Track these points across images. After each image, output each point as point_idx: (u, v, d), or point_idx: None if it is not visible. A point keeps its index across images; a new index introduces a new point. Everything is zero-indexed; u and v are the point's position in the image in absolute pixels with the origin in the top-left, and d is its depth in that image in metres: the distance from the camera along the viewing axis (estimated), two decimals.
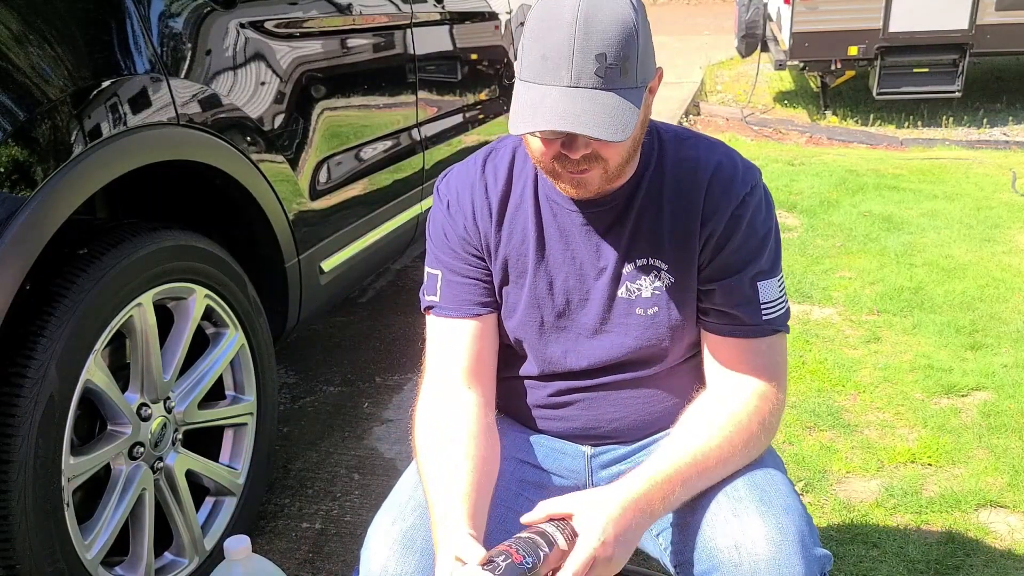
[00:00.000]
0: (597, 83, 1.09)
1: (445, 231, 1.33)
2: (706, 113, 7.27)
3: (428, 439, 1.25)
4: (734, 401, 1.24)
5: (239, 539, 1.50)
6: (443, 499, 1.15)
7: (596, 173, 1.17)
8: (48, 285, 1.48)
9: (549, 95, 1.09)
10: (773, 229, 1.28)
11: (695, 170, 1.26)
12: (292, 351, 3.02)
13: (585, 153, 1.14)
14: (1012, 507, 2.13)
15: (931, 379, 2.72)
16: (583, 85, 1.09)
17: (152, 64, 1.67)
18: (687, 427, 1.23)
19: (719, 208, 1.24)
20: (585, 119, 1.08)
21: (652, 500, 1.14)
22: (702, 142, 1.30)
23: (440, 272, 1.34)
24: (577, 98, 1.08)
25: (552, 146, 1.15)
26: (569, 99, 1.08)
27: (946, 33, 6.11)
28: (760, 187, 1.28)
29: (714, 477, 1.21)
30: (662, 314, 1.29)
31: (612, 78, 1.09)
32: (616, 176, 1.21)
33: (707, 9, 13.52)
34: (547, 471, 1.38)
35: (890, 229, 4.10)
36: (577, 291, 1.30)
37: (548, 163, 1.18)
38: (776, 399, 1.26)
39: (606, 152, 1.15)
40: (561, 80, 1.09)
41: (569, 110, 1.08)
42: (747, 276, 1.25)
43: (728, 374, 1.27)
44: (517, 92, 1.14)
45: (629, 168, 1.25)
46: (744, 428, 1.22)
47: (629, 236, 1.27)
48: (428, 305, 1.35)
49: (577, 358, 1.32)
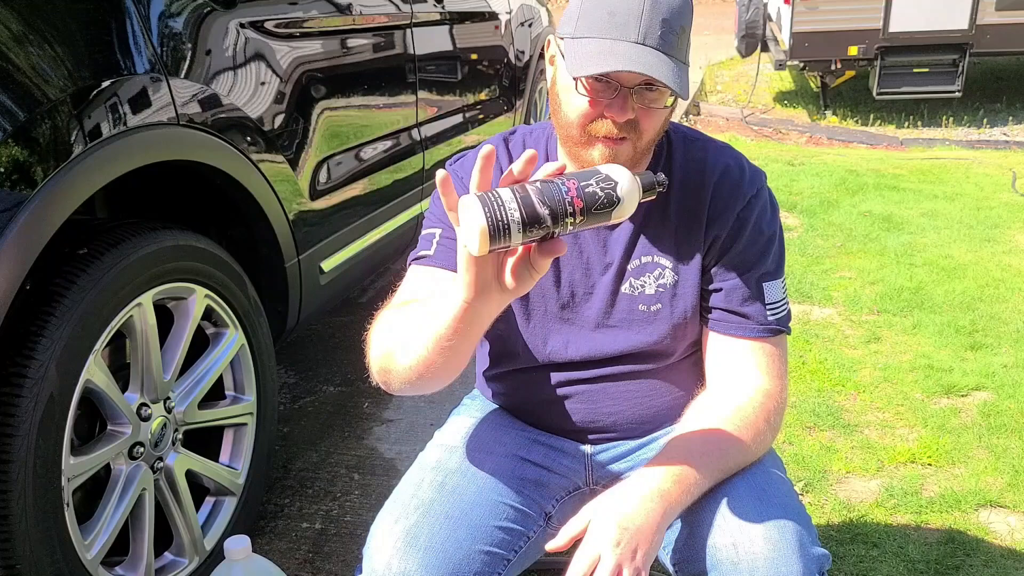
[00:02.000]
0: (661, 45, 1.12)
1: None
2: (706, 113, 7.26)
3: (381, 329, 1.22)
4: (740, 396, 1.25)
5: (239, 539, 1.50)
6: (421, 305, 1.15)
7: (628, 146, 1.18)
8: (48, 285, 1.48)
9: (618, 45, 1.11)
10: (778, 232, 1.30)
11: (702, 171, 1.29)
12: (292, 351, 3.02)
13: (630, 118, 1.15)
14: (1012, 507, 2.13)
15: (931, 379, 2.72)
16: (649, 44, 1.12)
17: (152, 64, 1.67)
18: (694, 418, 1.24)
19: (725, 210, 1.27)
20: (659, 69, 1.10)
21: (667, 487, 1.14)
22: (711, 144, 1.33)
23: (440, 229, 1.29)
24: (646, 53, 1.11)
25: (598, 107, 1.16)
26: (640, 51, 1.11)
27: (946, 33, 6.11)
28: (765, 190, 1.30)
29: (726, 468, 1.21)
30: (665, 311, 1.30)
31: (672, 44, 1.13)
32: (640, 159, 1.22)
33: (707, 9, 13.52)
34: (547, 469, 1.39)
35: (890, 229, 4.10)
36: (582, 285, 1.32)
37: (584, 127, 1.17)
38: (780, 398, 1.28)
39: (645, 123, 1.16)
40: (628, 36, 1.12)
41: (643, 59, 1.11)
42: (753, 277, 1.27)
43: (732, 373, 1.28)
44: (574, 44, 1.15)
45: (644, 161, 1.26)
46: (751, 423, 1.23)
47: (635, 233, 1.29)
48: (416, 258, 1.30)
49: (578, 349, 1.33)
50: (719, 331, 1.30)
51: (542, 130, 1.36)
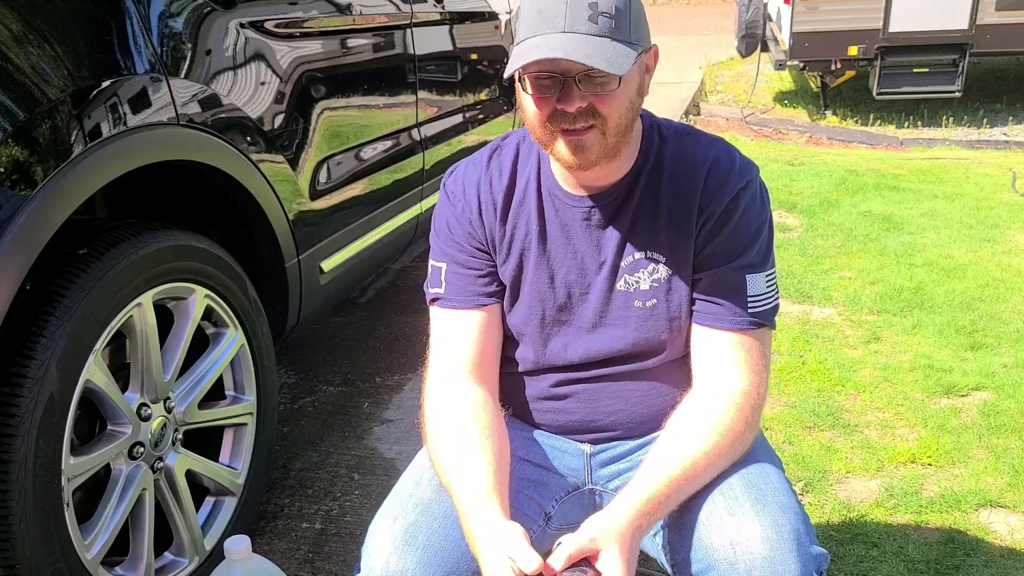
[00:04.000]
0: (591, 29, 1.12)
1: (450, 225, 1.35)
2: (706, 113, 7.27)
3: (442, 432, 1.27)
4: (719, 404, 1.25)
5: (239, 539, 1.50)
6: (470, 490, 1.17)
7: (594, 136, 1.18)
8: (48, 285, 1.48)
9: (546, 39, 1.13)
10: (766, 224, 1.29)
11: (693, 165, 1.28)
12: (292, 351, 3.02)
13: (581, 107, 1.15)
14: (1012, 507, 2.13)
15: (931, 379, 2.72)
16: (578, 31, 1.12)
17: (152, 64, 1.67)
18: (675, 436, 1.24)
19: (714, 199, 1.26)
20: (580, 51, 1.11)
21: (650, 512, 1.16)
22: (702, 138, 1.32)
23: (445, 264, 1.35)
24: (571, 39, 1.12)
25: (547, 103, 1.16)
26: (564, 39, 1.12)
27: (946, 33, 6.10)
28: (756, 182, 1.29)
29: (703, 480, 1.22)
30: (660, 306, 1.30)
31: (605, 26, 1.13)
32: (616, 147, 1.21)
33: (707, 9, 13.52)
34: (547, 469, 1.39)
35: (890, 229, 4.10)
36: (578, 285, 1.32)
37: (544, 126, 1.19)
38: (758, 395, 1.27)
39: (603, 107, 1.16)
40: (556, 27, 1.13)
41: (563, 44, 1.12)
42: (735, 267, 1.27)
43: (713, 368, 1.28)
44: (515, 47, 1.17)
45: (627, 156, 1.27)
46: (730, 431, 1.23)
47: (627, 229, 1.29)
48: (433, 297, 1.37)
49: (577, 351, 1.34)
50: (699, 322, 1.30)
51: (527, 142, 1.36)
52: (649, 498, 1.16)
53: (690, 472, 1.20)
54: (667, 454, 1.21)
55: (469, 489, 1.18)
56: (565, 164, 1.23)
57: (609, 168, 1.26)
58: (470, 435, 1.24)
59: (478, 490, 1.17)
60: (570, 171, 1.27)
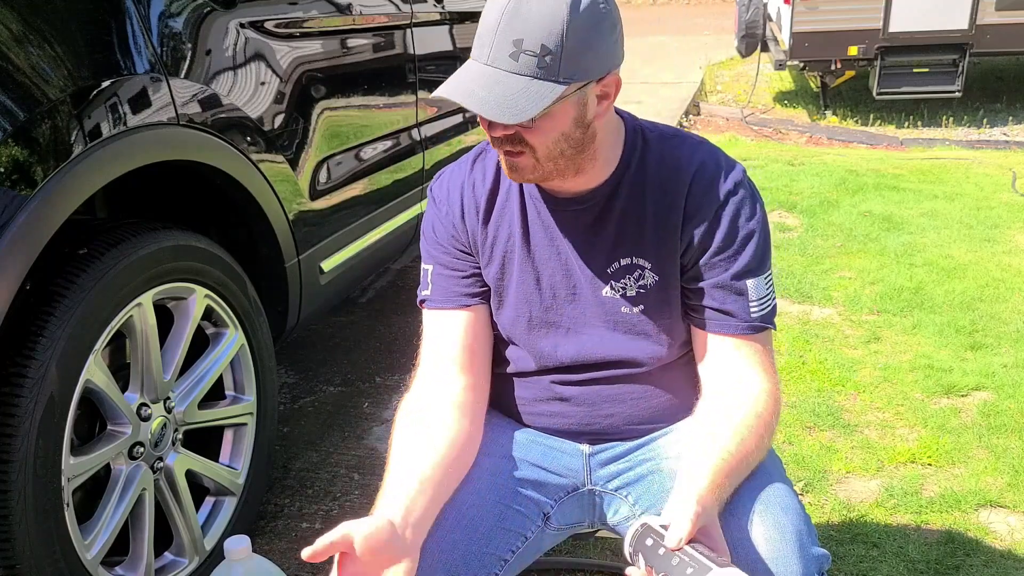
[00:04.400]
0: (511, 67, 1.12)
1: (435, 228, 1.37)
2: (706, 113, 7.26)
3: (404, 419, 1.30)
4: (748, 397, 1.24)
5: (239, 539, 1.49)
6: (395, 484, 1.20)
7: (527, 160, 1.19)
8: (48, 285, 1.48)
9: (468, 69, 1.14)
10: (760, 226, 1.28)
11: (678, 169, 1.28)
12: (292, 351, 3.02)
13: (506, 134, 1.16)
14: (1012, 507, 2.13)
15: (931, 379, 2.72)
16: (496, 66, 1.13)
17: (152, 64, 1.67)
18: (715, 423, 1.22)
19: (701, 208, 1.26)
20: (482, 95, 1.12)
21: (717, 488, 1.13)
22: (686, 141, 1.31)
23: (431, 266, 1.38)
24: (485, 76, 1.13)
25: (484, 123, 1.18)
26: (478, 75, 1.13)
27: (946, 33, 6.10)
28: (744, 185, 1.28)
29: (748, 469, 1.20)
30: (648, 312, 1.30)
31: (527, 65, 1.11)
32: (559, 170, 1.22)
33: (707, 9, 13.52)
34: (546, 469, 1.38)
35: (890, 229, 4.10)
36: (564, 286, 1.32)
37: (491, 140, 1.21)
38: (777, 395, 1.28)
39: (530, 138, 1.17)
40: (481, 57, 1.14)
41: (472, 86, 1.13)
42: (736, 274, 1.27)
43: (727, 372, 1.28)
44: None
45: (602, 165, 1.26)
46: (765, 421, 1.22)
47: (613, 235, 1.29)
48: (421, 299, 1.39)
49: (567, 351, 1.34)
50: (705, 329, 1.30)
51: None
52: (715, 474, 1.14)
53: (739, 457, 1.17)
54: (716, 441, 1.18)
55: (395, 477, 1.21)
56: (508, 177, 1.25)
57: (577, 179, 1.26)
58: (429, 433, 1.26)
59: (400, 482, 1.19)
60: None
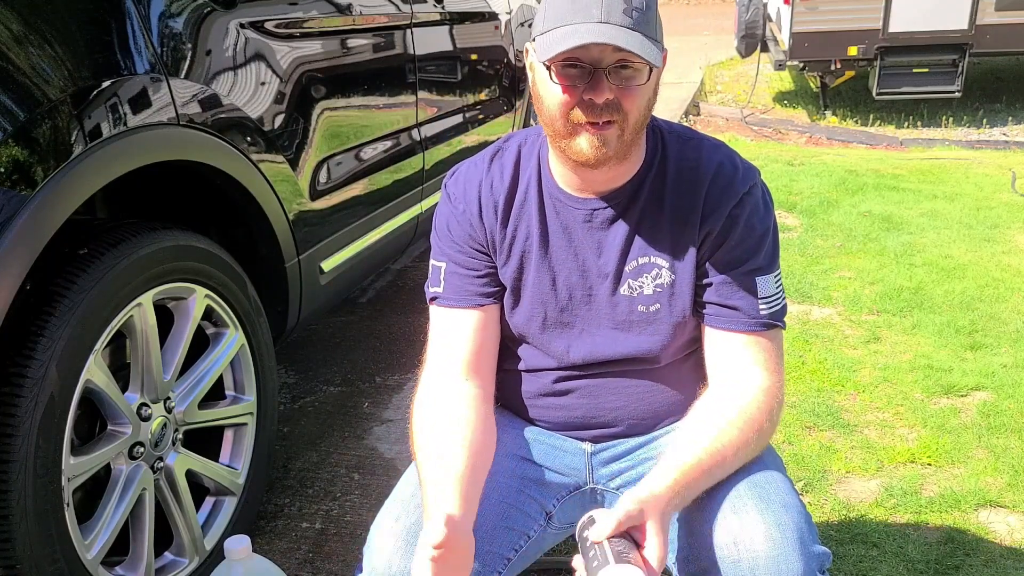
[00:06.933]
0: (625, 22, 1.13)
1: (450, 226, 1.36)
2: (706, 113, 7.27)
3: (425, 422, 1.27)
4: (741, 395, 1.25)
5: (239, 539, 1.50)
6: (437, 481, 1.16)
7: (614, 132, 1.19)
8: (48, 285, 1.48)
9: (582, 27, 1.13)
10: (771, 227, 1.31)
11: (696, 170, 1.29)
12: (292, 351, 3.02)
13: (608, 99, 1.16)
14: (1012, 507, 2.13)
15: (931, 379, 2.72)
16: (613, 22, 1.13)
17: (152, 64, 1.67)
18: (700, 420, 1.24)
19: (718, 207, 1.27)
20: (622, 38, 1.12)
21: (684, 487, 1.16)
22: (705, 143, 1.33)
23: (444, 264, 1.36)
24: (610, 28, 1.13)
25: (575, 93, 1.16)
26: (603, 28, 1.13)
27: (946, 33, 6.11)
28: (759, 187, 1.31)
29: (729, 468, 1.22)
30: (664, 311, 1.31)
31: (638, 21, 1.13)
32: (630, 147, 1.22)
33: (707, 9, 13.52)
34: (548, 468, 1.39)
35: (890, 229, 4.10)
36: (580, 287, 1.32)
37: (567, 117, 1.18)
38: (778, 393, 1.28)
39: (627, 103, 1.17)
40: (591, 17, 1.13)
41: (606, 32, 1.12)
42: (746, 272, 1.28)
43: (730, 368, 1.29)
44: (542, 39, 1.17)
45: (634, 159, 1.27)
46: (754, 420, 1.23)
47: (631, 234, 1.29)
48: (432, 296, 1.37)
49: (579, 352, 1.34)
50: (713, 325, 1.30)
51: (536, 136, 1.36)
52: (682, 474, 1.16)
53: (718, 457, 1.19)
54: (696, 437, 1.21)
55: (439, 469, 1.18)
56: (581, 159, 1.21)
57: (617, 170, 1.27)
58: (454, 427, 1.24)
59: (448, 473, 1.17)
60: (580, 171, 1.26)
